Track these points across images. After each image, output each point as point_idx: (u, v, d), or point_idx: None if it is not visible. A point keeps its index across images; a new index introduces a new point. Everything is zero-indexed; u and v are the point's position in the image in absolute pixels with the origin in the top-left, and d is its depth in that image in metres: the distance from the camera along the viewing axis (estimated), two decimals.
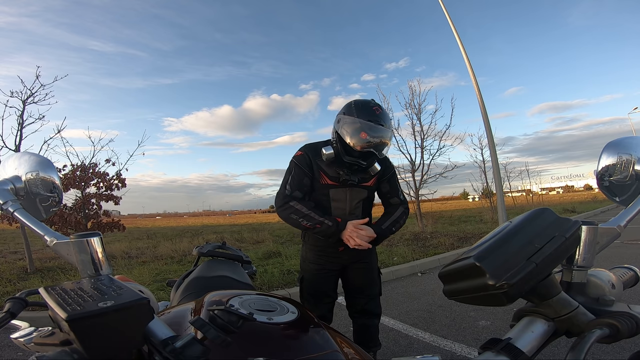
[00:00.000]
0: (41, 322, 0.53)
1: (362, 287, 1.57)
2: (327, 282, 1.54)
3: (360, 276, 1.56)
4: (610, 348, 1.89)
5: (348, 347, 0.64)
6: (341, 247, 1.49)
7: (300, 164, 1.45)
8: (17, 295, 0.51)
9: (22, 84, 5.25)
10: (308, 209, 1.39)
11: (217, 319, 0.41)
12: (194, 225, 25.04)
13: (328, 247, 1.51)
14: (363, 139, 1.34)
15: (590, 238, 0.45)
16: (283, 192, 1.44)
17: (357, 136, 1.34)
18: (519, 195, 25.23)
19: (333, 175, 1.44)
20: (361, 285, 1.57)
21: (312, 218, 1.37)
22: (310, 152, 1.47)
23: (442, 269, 0.44)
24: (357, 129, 1.34)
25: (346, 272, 1.57)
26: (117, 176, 6.21)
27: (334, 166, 1.44)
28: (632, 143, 0.60)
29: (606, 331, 0.37)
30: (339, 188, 1.46)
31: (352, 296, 1.60)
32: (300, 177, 1.44)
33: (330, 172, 1.44)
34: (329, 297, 1.57)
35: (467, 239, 6.85)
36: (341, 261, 1.53)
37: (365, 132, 1.33)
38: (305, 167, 1.44)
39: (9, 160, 0.71)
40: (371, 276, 1.58)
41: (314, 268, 1.54)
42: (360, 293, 1.57)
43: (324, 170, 1.45)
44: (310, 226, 1.38)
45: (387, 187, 1.57)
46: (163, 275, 4.79)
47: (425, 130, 8.54)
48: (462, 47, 7.22)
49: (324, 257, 1.53)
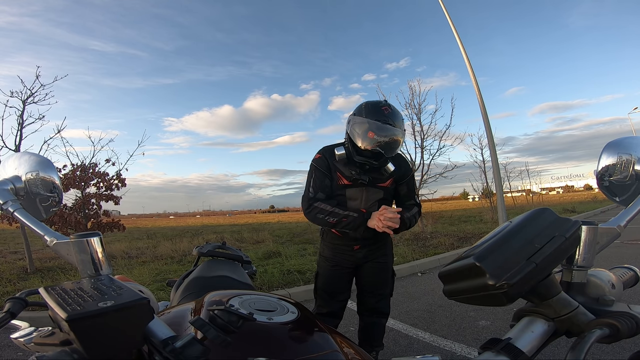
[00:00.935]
0: (41, 322, 0.53)
1: (374, 285, 1.58)
2: (341, 279, 1.58)
3: (373, 274, 1.58)
4: (610, 348, 1.89)
5: (348, 347, 0.64)
6: (357, 246, 1.54)
7: (320, 166, 1.50)
8: (17, 295, 0.51)
9: (22, 84, 5.26)
10: (332, 207, 1.44)
11: (217, 319, 0.41)
12: (194, 225, 25.04)
13: (344, 245, 1.55)
14: (371, 139, 1.37)
15: (590, 238, 0.45)
16: (307, 195, 1.49)
17: (366, 136, 1.37)
18: (519, 195, 25.24)
19: (349, 176, 1.47)
20: (373, 284, 1.58)
21: (337, 214, 1.41)
22: (327, 154, 1.52)
23: (442, 269, 0.44)
24: (366, 129, 1.37)
25: (360, 269, 1.59)
26: (117, 176, 6.21)
27: (348, 166, 1.48)
28: (632, 143, 0.61)
29: (606, 331, 0.37)
30: (355, 188, 1.49)
31: (364, 294, 1.61)
32: (322, 179, 1.50)
33: (346, 173, 1.48)
34: (342, 295, 1.59)
35: (467, 239, 6.85)
36: (355, 260, 1.55)
37: (373, 132, 1.36)
38: (325, 169, 1.50)
39: (9, 160, 0.71)
40: (385, 276, 1.59)
41: (329, 265, 1.58)
42: (371, 292, 1.59)
43: (341, 171, 1.49)
44: (337, 222, 1.41)
45: (405, 189, 1.59)
46: (163, 275, 4.79)
47: (425, 130, 8.54)
48: (462, 47, 7.22)
49: (339, 255, 1.56)
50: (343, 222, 1.41)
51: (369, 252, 1.55)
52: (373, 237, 1.50)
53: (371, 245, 1.56)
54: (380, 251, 1.59)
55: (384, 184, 1.51)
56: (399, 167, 1.54)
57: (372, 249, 1.56)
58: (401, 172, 1.54)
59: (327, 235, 1.61)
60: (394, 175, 1.52)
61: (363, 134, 1.38)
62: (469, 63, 7.19)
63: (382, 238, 1.55)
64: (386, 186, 1.52)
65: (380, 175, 1.49)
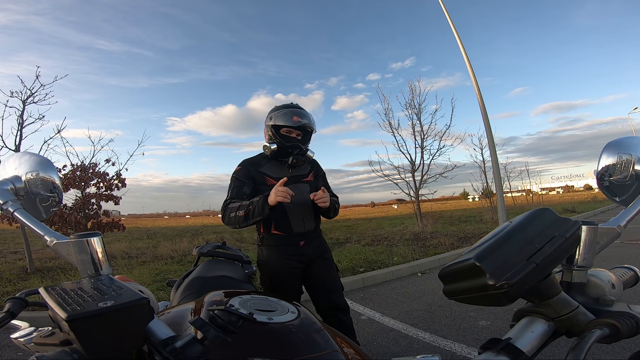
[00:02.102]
0: (41, 322, 0.53)
1: (329, 281, 1.59)
2: (293, 279, 1.55)
3: (326, 270, 1.60)
4: (610, 348, 1.89)
5: (348, 347, 0.64)
6: (302, 241, 1.56)
7: (240, 175, 1.56)
8: (17, 295, 0.51)
9: (22, 84, 5.26)
10: (240, 201, 1.46)
11: (217, 319, 0.41)
12: (194, 225, 25.04)
13: (289, 244, 1.55)
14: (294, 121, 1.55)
15: (590, 238, 0.45)
16: (224, 203, 1.52)
17: (290, 118, 1.55)
18: (519, 195, 25.22)
19: (276, 176, 1.55)
20: (327, 280, 1.59)
21: (243, 206, 1.42)
22: (248, 164, 1.60)
23: (442, 269, 0.44)
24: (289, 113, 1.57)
25: (311, 268, 1.58)
26: (117, 176, 6.21)
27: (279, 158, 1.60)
28: (632, 143, 0.60)
29: (606, 331, 0.37)
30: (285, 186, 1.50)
31: (318, 294, 1.59)
32: (240, 187, 1.54)
33: (273, 174, 1.58)
34: (295, 298, 1.54)
35: (467, 239, 6.84)
36: (306, 258, 1.55)
37: (295, 115, 1.56)
38: (246, 178, 1.56)
39: (9, 160, 0.71)
40: (334, 271, 1.64)
41: (278, 268, 1.53)
42: (329, 289, 1.58)
43: (267, 174, 1.58)
44: (246, 213, 1.40)
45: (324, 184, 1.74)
46: (163, 275, 4.79)
47: (425, 130, 8.55)
48: (461, 47, 7.22)
49: (286, 255, 1.54)
50: (250, 209, 1.40)
51: (315, 246, 1.59)
52: (314, 229, 1.61)
53: (314, 238, 1.61)
54: (323, 246, 1.64)
55: (307, 178, 1.65)
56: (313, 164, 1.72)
57: (316, 243, 1.60)
58: (316, 168, 1.73)
59: (267, 240, 1.57)
60: (313, 170, 1.69)
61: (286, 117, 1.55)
62: (469, 63, 7.20)
63: (319, 230, 1.67)
64: (310, 180, 1.66)
65: (302, 172, 1.64)
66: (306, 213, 1.58)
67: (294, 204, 1.50)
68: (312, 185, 1.66)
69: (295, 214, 1.55)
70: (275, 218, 1.52)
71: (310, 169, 1.70)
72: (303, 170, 1.66)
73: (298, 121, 1.55)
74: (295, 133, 1.59)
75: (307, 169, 1.68)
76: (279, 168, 1.60)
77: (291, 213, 1.55)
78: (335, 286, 1.61)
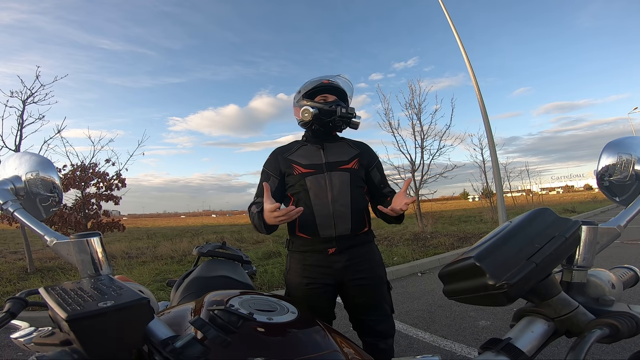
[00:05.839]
0: (41, 322, 0.53)
1: (368, 308, 1.23)
2: (320, 301, 1.21)
3: (364, 293, 1.23)
4: (610, 348, 1.89)
5: (348, 347, 0.64)
6: (331, 249, 1.20)
7: (267, 168, 1.32)
8: (17, 295, 0.51)
9: (22, 84, 5.26)
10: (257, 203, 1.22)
11: (217, 319, 0.41)
12: (194, 225, 25.04)
13: (315, 250, 1.22)
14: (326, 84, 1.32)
15: (590, 238, 0.45)
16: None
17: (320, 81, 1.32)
18: (519, 195, 25.22)
19: (306, 163, 1.27)
20: (366, 306, 1.23)
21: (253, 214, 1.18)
22: (278, 152, 1.34)
23: (442, 269, 0.44)
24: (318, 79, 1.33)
25: (345, 289, 1.25)
26: (117, 176, 6.21)
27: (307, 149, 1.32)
28: (632, 143, 0.61)
29: (606, 331, 0.37)
30: (316, 175, 1.25)
31: (356, 315, 1.26)
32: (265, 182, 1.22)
33: (302, 160, 1.28)
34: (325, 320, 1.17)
35: (467, 239, 6.84)
36: (334, 271, 1.21)
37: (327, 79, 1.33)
38: (272, 169, 1.31)
39: (9, 160, 0.71)
40: (379, 291, 1.25)
41: (302, 282, 1.22)
42: (366, 314, 1.23)
43: (296, 161, 1.28)
44: (253, 223, 1.20)
45: (377, 175, 1.35)
46: (163, 275, 4.79)
47: (425, 130, 8.55)
48: (461, 47, 7.22)
49: (311, 266, 1.22)
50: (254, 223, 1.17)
51: (350, 259, 1.21)
52: (352, 234, 1.22)
53: (352, 247, 1.23)
54: (365, 257, 1.24)
55: (348, 165, 1.27)
56: (362, 150, 1.35)
57: (353, 254, 1.22)
58: (365, 154, 1.34)
59: (292, 243, 1.28)
60: (358, 157, 1.31)
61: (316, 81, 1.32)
62: (469, 62, 7.20)
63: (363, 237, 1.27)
64: (351, 167, 1.27)
65: (341, 157, 1.29)
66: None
67: (323, 198, 1.22)
68: (353, 175, 1.26)
69: (322, 212, 1.21)
70: (300, 215, 1.08)
71: (355, 155, 1.30)
72: (342, 156, 1.29)
73: (330, 83, 1.31)
74: (331, 98, 1.31)
75: (349, 153, 1.31)
76: (311, 153, 1.29)
77: (318, 210, 1.21)
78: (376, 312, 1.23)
